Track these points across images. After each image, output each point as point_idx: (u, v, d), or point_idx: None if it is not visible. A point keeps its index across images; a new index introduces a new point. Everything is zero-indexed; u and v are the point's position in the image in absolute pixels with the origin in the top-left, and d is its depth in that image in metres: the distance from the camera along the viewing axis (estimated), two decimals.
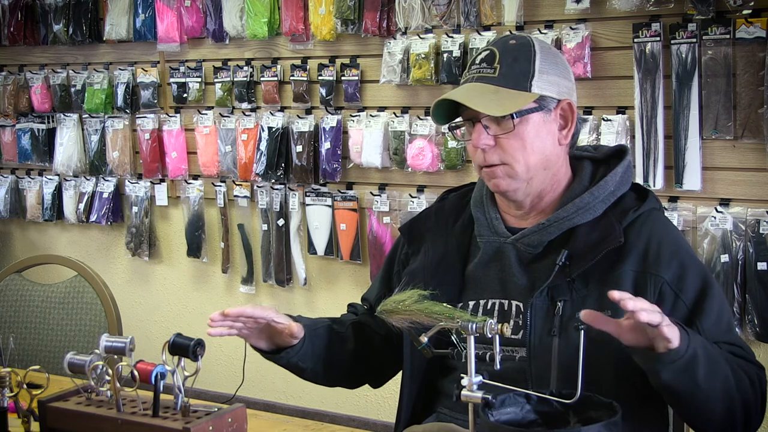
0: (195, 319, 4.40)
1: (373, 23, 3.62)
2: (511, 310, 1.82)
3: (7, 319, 2.77)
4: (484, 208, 1.92)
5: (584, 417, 1.44)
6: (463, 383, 1.48)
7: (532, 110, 1.79)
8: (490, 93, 1.78)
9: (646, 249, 1.77)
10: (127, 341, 1.73)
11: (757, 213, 2.98)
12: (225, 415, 1.64)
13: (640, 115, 3.14)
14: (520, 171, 1.81)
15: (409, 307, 1.60)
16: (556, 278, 1.76)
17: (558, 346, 1.73)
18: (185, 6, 4.13)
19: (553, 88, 1.82)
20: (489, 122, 1.80)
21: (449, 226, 1.97)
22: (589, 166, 1.89)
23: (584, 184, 1.86)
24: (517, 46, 1.83)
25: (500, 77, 1.79)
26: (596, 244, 1.77)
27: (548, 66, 1.82)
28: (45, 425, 1.73)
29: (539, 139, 1.81)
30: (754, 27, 2.91)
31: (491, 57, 1.82)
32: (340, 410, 4.04)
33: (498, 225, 1.89)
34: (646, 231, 1.79)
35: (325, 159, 3.82)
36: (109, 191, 4.48)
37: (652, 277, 1.74)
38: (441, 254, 1.94)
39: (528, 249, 1.84)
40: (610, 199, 1.83)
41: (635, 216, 1.80)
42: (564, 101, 1.83)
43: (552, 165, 1.84)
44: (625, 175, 1.87)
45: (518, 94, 1.78)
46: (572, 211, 1.82)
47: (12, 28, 4.60)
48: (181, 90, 4.22)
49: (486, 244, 1.89)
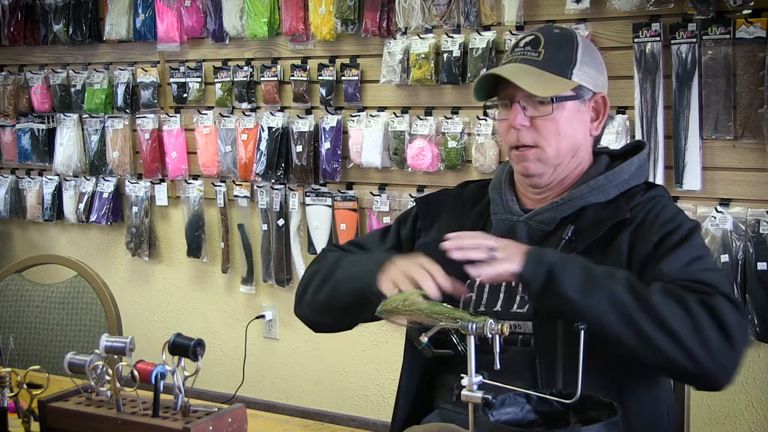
0: (195, 319, 4.40)
1: (373, 23, 3.62)
2: (518, 285, 1.84)
3: (7, 319, 2.77)
4: (501, 190, 1.97)
5: (584, 417, 1.44)
6: (463, 383, 1.48)
7: (570, 98, 1.86)
8: (534, 74, 1.84)
9: (643, 220, 1.81)
10: (127, 341, 1.73)
11: (757, 213, 2.99)
12: (225, 415, 1.64)
13: (640, 115, 3.14)
14: (551, 155, 1.86)
15: (409, 307, 1.60)
16: (562, 252, 1.78)
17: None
18: (185, 6, 4.13)
19: (591, 80, 1.88)
20: (527, 103, 1.85)
21: (466, 210, 2.01)
22: (606, 158, 1.95)
23: (600, 169, 1.91)
24: (561, 35, 1.90)
25: (544, 61, 1.85)
26: (603, 220, 1.82)
27: (588, 59, 1.89)
28: (45, 425, 1.73)
29: (572, 127, 1.86)
30: (754, 27, 2.91)
31: (536, 42, 1.88)
32: (340, 410, 4.04)
33: (513, 205, 1.93)
34: (648, 207, 1.83)
35: (325, 159, 3.82)
36: (109, 191, 4.48)
37: (642, 241, 1.77)
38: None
39: (540, 226, 1.88)
40: (623, 186, 1.88)
41: (642, 198, 1.85)
42: (599, 94, 1.90)
43: (579, 153, 1.90)
44: (641, 169, 1.92)
45: (560, 80, 1.85)
46: (586, 191, 1.87)
47: (12, 28, 4.60)
48: (181, 90, 4.22)
49: (499, 222, 1.93)
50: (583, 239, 1.80)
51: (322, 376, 4.09)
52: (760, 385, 3.11)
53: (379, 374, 3.93)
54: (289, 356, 4.16)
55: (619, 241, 1.79)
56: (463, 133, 3.53)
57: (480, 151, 3.48)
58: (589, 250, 1.78)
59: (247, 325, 3.95)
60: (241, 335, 3.92)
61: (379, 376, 3.93)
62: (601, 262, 1.75)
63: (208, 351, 1.74)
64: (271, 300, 4.17)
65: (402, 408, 1.96)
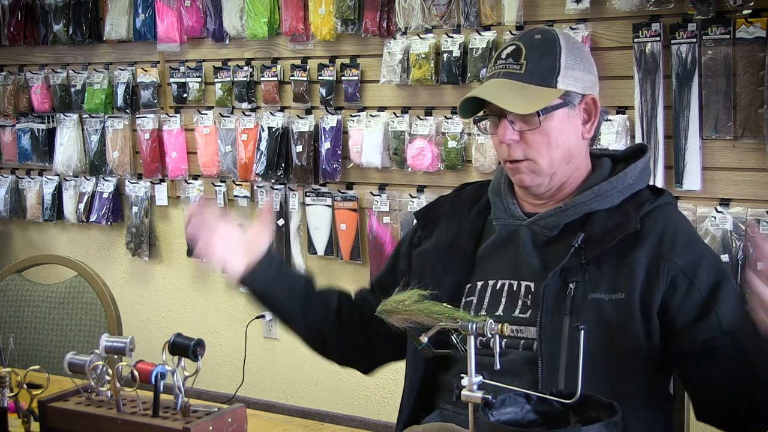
0: (195, 319, 4.40)
1: (373, 23, 3.62)
2: (520, 290, 1.83)
3: (7, 319, 2.77)
4: (502, 195, 1.95)
5: (584, 417, 1.44)
6: (463, 383, 1.48)
7: (557, 106, 1.81)
8: (516, 90, 1.80)
9: (661, 236, 1.78)
10: (127, 341, 1.73)
11: (757, 213, 2.98)
12: (225, 415, 1.64)
13: (640, 115, 3.14)
14: (543, 166, 1.83)
15: (409, 307, 1.60)
16: (570, 260, 1.77)
17: (569, 325, 1.74)
18: (185, 6, 4.13)
19: (578, 83, 1.84)
20: (515, 118, 1.82)
21: (465, 212, 1.99)
22: (608, 162, 1.92)
23: (603, 175, 1.88)
24: (542, 41, 1.84)
25: (527, 74, 1.81)
26: (612, 230, 1.79)
27: (573, 61, 1.84)
28: (45, 425, 1.72)
29: (563, 134, 1.83)
30: (754, 27, 2.91)
31: (517, 53, 1.83)
32: (340, 410, 4.04)
33: (515, 209, 1.91)
34: (662, 221, 1.81)
35: (325, 159, 3.82)
36: (109, 191, 4.48)
37: (666, 263, 1.75)
38: (453, 237, 1.96)
39: (543, 231, 1.86)
40: (627, 192, 1.85)
41: (651, 207, 1.82)
42: (588, 96, 1.86)
43: (574, 159, 1.87)
44: (645, 172, 1.90)
45: (544, 91, 1.80)
46: (590, 197, 1.84)
47: (12, 28, 4.60)
48: (181, 90, 4.22)
49: (501, 226, 1.91)
50: (592, 248, 1.78)
51: (322, 376, 4.09)
52: None
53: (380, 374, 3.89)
54: (289, 356, 4.16)
55: (635, 258, 1.76)
56: (463, 133, 3.53)
57: (480, 151, 3.48)
58: (599, 260, 1.77)
59: (247, 325, 3.93)
60: (241, 335, 3.91)
61: (379, 376, 3.90)
62: (611, 274, 1.75)
63: (208, 351, 1.73)
64: None
65: (405, 409, 1.96)
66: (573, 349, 1.72)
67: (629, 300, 1.72)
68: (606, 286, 1.75)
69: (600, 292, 1.75)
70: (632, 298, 1.72)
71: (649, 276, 1.74)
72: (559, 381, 1.73)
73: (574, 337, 1.71)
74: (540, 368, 1.76)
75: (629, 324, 1.73)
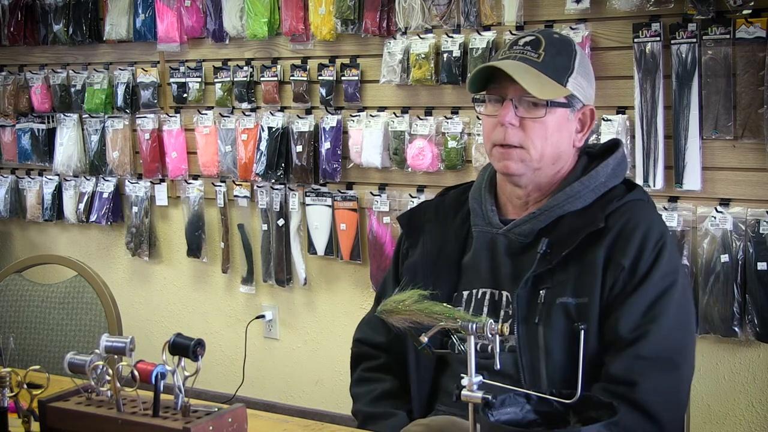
0: (195, 319, 4.40)
1: (373, 23, 3.62)
2: (501, 299, 1.85)
3: (7, 319, 2.77)
4: (482, 199, 1.95)
5: (584, 417, 1.44)
6: (463, 383, 1.48)
7: (562, 104, 1.85)
8: (533, 74, 1.82)
9: (617, 235, 1.79)
10: (127, 341, 1.73)
11: (757, 213, 2.98)
12: (225, 415, 1.64)
13: (640, 115, 3.14)
14: (534, 157, 1.84)
15: (409, 307, 1.60)
16: (539, 266, 1.79)
17: (543, 334, 1.75)
18: (185, 6, 4.13)
19: (583, 91, 1.88)
20: (519, 103, 1.83)
21: (449, 219, 1.99)
22: (584, 160, 1.93)
23: (576, 174, 1.89)
24: (561, 40, 1.89)
25: (543, 64, 1.84)
26: (578, 230, 1.80)
27: (583, 69, 1.88)
28: (45, 425, 1.72)
29: (559, 134, 1.85)
30: (754, 27, 2.91)
31: (536, 43, 1.86)
32: (340, 410, 4.04)
33: (492, 216, 1.92)
34: (625, 219, 1.81)
35: (325, 159, 3.82)
36: (109, 191, 4.48)
37: (613, 264, 1.76)
38: (439, 247, 1.96)
39: (519, 239, 1.87)
40: (600, 190, 1.86)
41: (619, 204, 1.83)
42: (587, 107, 1.89)
43: (560, 161, 1.88)
44: (618, 168, 1.90)
45: (556, 85, 1.83)
46: (562, 199, 1.85)
47: (12, 28, 4.60)
48: (181, 90, 4.22)
49: (479, 233, 1.92)
50: (557, 251, 1.78)
51: (322, 376, 4.09)
52: (760, 385, 3.11)
53: None
54: (289, 356, 4.16)
55: (595, 256, 1.77)
56: (463, 133, 3.53)
57: (480, 151, 3.48)
58: (565, 263, 1.77)
59: (247, 326, 3.95)
60: (241, 335, 3.92)
61: None
62: (576, 275, 1.76)
63: (208, 351, 1.73)
64: (271, 300, 4.17)
65: (417, 407, 1.96)
66: (551, 357, 1.74)
67: (592, 304, 1.74)
68: (572, 290, 1.76)
69: (567, 296, 1.77)
70: (594, 302, 1.74)
71: (604, 277, 1.76)
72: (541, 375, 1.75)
73: (551, 345, 1.74)
74: (523, 379, 1.76)
75: (593, 328, 1.75)
